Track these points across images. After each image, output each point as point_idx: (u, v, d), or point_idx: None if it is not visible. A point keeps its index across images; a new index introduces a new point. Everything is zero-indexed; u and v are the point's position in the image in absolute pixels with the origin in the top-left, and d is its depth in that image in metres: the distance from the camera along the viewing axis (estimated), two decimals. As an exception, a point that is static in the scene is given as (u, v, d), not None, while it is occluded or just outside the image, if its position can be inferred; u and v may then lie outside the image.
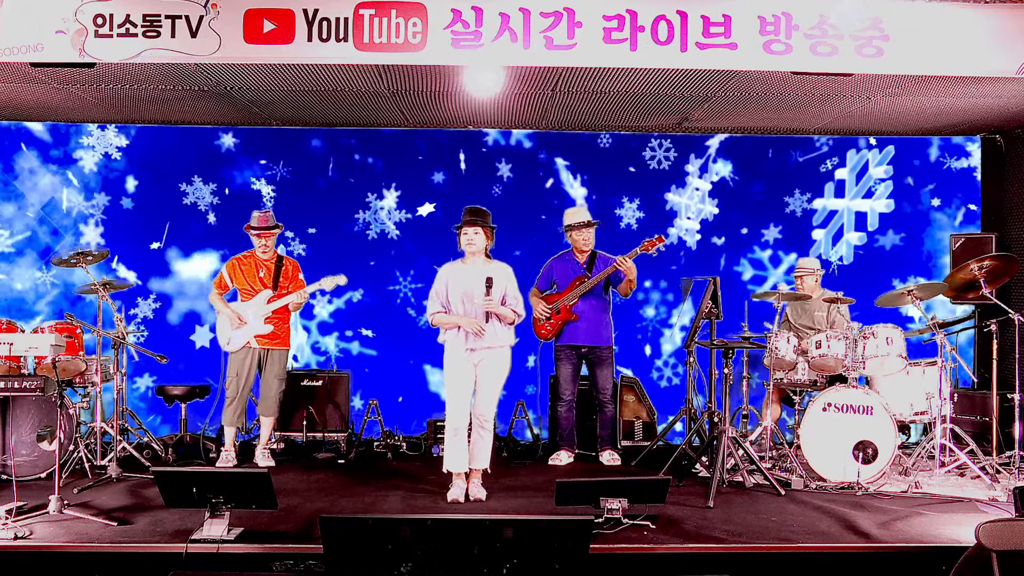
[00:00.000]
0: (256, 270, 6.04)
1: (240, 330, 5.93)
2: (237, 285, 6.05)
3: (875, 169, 7.56)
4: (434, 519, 3.37)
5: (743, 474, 5.40)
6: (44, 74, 5.69)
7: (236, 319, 5.90)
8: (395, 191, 7.50)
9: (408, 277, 7.51)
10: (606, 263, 6.12)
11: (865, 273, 7.55)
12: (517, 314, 5.07)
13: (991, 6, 5.16)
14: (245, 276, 6.02)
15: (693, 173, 7.56)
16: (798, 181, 7.58)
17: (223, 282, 6.06)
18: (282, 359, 6.08)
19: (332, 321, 7.54)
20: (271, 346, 6.00)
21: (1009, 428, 5.89)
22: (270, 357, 6.01)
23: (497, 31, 5.03)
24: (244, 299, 6.03)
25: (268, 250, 6.04)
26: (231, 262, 6.10)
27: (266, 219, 6.01)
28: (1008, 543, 3.08)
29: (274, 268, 6.06)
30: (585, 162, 7.56)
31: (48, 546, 4.05)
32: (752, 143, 7.55)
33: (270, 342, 5.98)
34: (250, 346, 5.95)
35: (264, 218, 6.00)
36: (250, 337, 5.94)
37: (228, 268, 6.07)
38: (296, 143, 7.46)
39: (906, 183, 7.59)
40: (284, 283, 6.06)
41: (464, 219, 5.07)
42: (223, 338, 6.02)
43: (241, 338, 5.94)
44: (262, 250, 6.04)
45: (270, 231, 6.01)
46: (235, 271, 6.04)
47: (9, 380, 5.22)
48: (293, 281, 6.10)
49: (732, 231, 7.59)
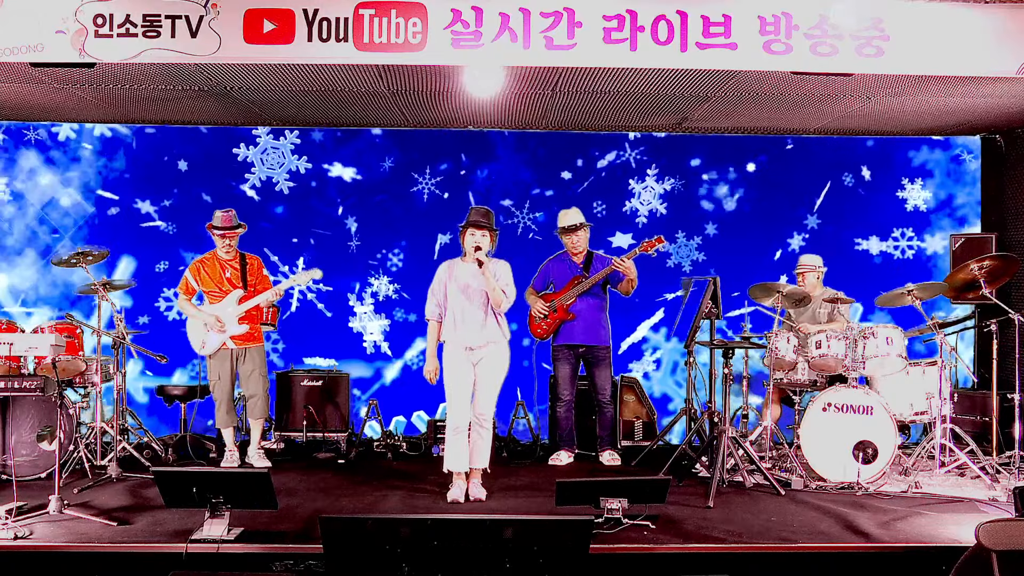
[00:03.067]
0: (222, 270, 5.95)
1: (215, 332, 5.87)
2: (203, 288, 5.95)
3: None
4: (434, 519, 3.38)
5: (743, 474, 5.40)
6: (44, 74, 5.69)
7: (216, 322, 5.83)
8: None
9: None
10: (603, 263, 6.13)
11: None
12: (506, 294, 5.03)
13: (991, 6, 5.16)
14: (211, 277, 5.94)
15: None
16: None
17: (189, 286, 5.94)
18: (261, 355, 6.04)
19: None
20: (247, 344, 5.95)
21: (1009, 428, 5.89)
22: (248, 355, 5.96)
23: (497, 31, 5.03)
24: (212, 301, 5.94)
25: (231, 250, 5.97)
26: (194, 265, 5.99)
27: (229, 219, 5.91)
28: (1008, 543, 3.08)
29: (240, 267, 5.99)
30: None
31: (48, 546, 4.05)
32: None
33: (246, 341, 5.94)
34: (227, 347, 5.90)
35: (227, 218, 5.91)
36: (226, 338, 5.89)
37: (192, 271, 5.96)
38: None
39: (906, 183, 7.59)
40: (252, 281, 6.00)
41: (472, 219, 5.05)
42: (196, 342, 5.94)
43: (217, 340, 5.87)
44: (225, 250, 5.95)
45: (234, 231, 5.93)
46: (199, 273, 5.94)
47: (9, 380, 5.22)
48: (260, 278, 6.05)
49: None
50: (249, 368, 5.96)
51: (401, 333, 7.54)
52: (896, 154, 7.59)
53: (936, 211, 7.63)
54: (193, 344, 5.99)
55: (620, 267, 5.94)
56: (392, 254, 7.55)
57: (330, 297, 7.51)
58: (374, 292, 7.54)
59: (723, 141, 7.54)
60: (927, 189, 7.59)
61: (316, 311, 7.51)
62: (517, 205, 7.55)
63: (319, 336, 7.50)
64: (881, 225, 7.61)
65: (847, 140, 7.54)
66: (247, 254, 6.11)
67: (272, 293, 5.95)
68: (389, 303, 7.55)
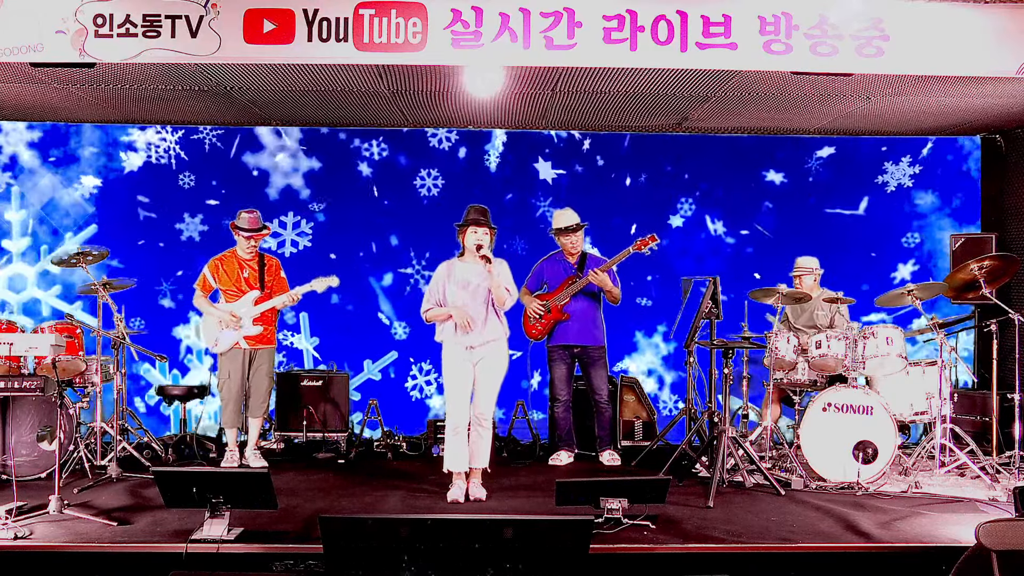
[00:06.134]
0: (240, 270, 5.95)
1: (229, 331, 5.88)
2: (221, 286, 5.96)
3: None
4: (434, 519, 3.37)
5: (743, 474, 5.40)
6: (44, 74, 5.69)
7: (232, 319, 5.83)
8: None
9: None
10: (597, 263, 6.13)
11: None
12: (509, 292, 5.04)
13: (991, 6, 5.16)
14: (229, 276, 5.94)
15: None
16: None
17: (207, 283, 5.95)
18: (271, 357, 6.04)
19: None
20: (260, 346, 5.96)
21: (1009, 428, 5.89)
22: (259, 356, 5.96)
23: (497, 31, 5.03)
24: (229, 300, 5.94)
25: (252, 250, 5.98)
26: (213, 263, 5.99)
27: (255, 220, 5.93)
28: (1008, 543, 3.08)
29: (258, 268, 5.99)
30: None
31: (48, 546, 4.05)
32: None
33: (259, 342, 5.94)
34: (239, 346, 5.91)
35: (253, 219, 5.92)
36: (239, 338, 5.89)
37: (211, 269, 5.97)
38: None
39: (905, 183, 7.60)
40: (269, 282, 6.00)
41: (470, 218, 5.06)
42: (210, 339, 5.95)
43: (230, 339, 5.88)
44: (246, 250, 5.97)
45: (260, 233, 5.95)
46: (218, 271, 5.95)
47: (9, 380, 5.21)
48: (277, 280, 6.05)
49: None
50: (257, 366, 5.97)
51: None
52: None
53: (937, 210, 7.63)
54: (206, 341, 6.00)
55: (595, 280, 5.96)
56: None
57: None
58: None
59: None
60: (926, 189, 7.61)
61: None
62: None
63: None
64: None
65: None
66: (266, 255, 6.12)
67: (288, 297, 5.94)
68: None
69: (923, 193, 7.60)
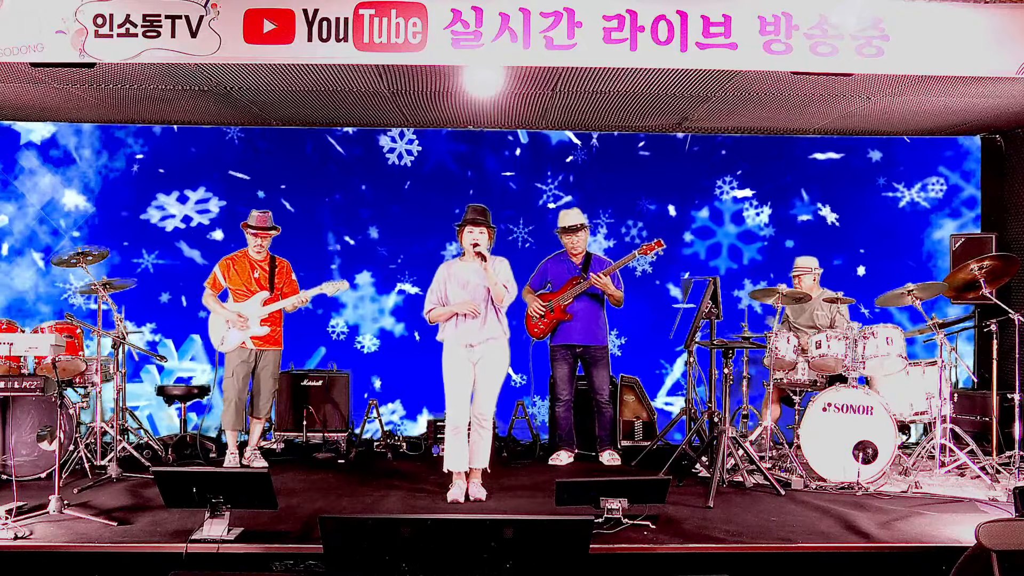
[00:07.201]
0: (251, 270, 5.97)
1: (236, 330, 5.89)
2: (231, 285, 5.97)
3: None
4: (434, 519, 3.38)
5: (743, 474, 5.40)
6: (44, 74, 5.69)
7: (239, 319, 5.85)
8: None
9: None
10: (601, 265, 6.14)
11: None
12: (507, 290, 5.04)
13: (991, 6, 5.16)
14: (239, 276, 5.96)
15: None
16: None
17: (217, 282, 5.97)
18: (277, 359, 6.05)
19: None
20: (266, 346, 5.97)
21: (1009, 428, 5.88)
22: (264, 357, 5.97)
23: (497, 31, 5.03)
24: (237, 300, 5.96)
25: (262, 250, 5.99)
26: (224, 261, 6.01)
27: (265, 219, 5.96)
28: (1008, 543, 3.08)
29: (268, 269, 6.01)
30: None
31: (48, 546, 4.05)
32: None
33: (265, 343, 5.96)
34: (246, 346, 5.91)
35: (264, 218, 5.95)
36: (246, 337, 5.90)
37: (221, 267, 5.99)
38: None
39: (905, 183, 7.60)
40: (279, 284, 6.02)
41: (469, 218, 5.06)
42: (216, 338, 5.96)
43: (236, 338, 5.89)
44: (256, 250, 5.98)
45: (268, 232, 5.98)
46: (228, 271, 5.97)
47: (9, 380, 5.21)
48: (287, 282, 6.07)
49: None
50: (263, 367, 5.97)
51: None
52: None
53: (937, 210, 7.63)
54: (212, 340, 6.01)
55: (597, 283, 5.97)
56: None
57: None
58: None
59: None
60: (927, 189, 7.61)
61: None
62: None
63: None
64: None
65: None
66: (277, 257, 6.13)
67: (298, 299, 5.95)
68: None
69: (923, 193, 7.61)
